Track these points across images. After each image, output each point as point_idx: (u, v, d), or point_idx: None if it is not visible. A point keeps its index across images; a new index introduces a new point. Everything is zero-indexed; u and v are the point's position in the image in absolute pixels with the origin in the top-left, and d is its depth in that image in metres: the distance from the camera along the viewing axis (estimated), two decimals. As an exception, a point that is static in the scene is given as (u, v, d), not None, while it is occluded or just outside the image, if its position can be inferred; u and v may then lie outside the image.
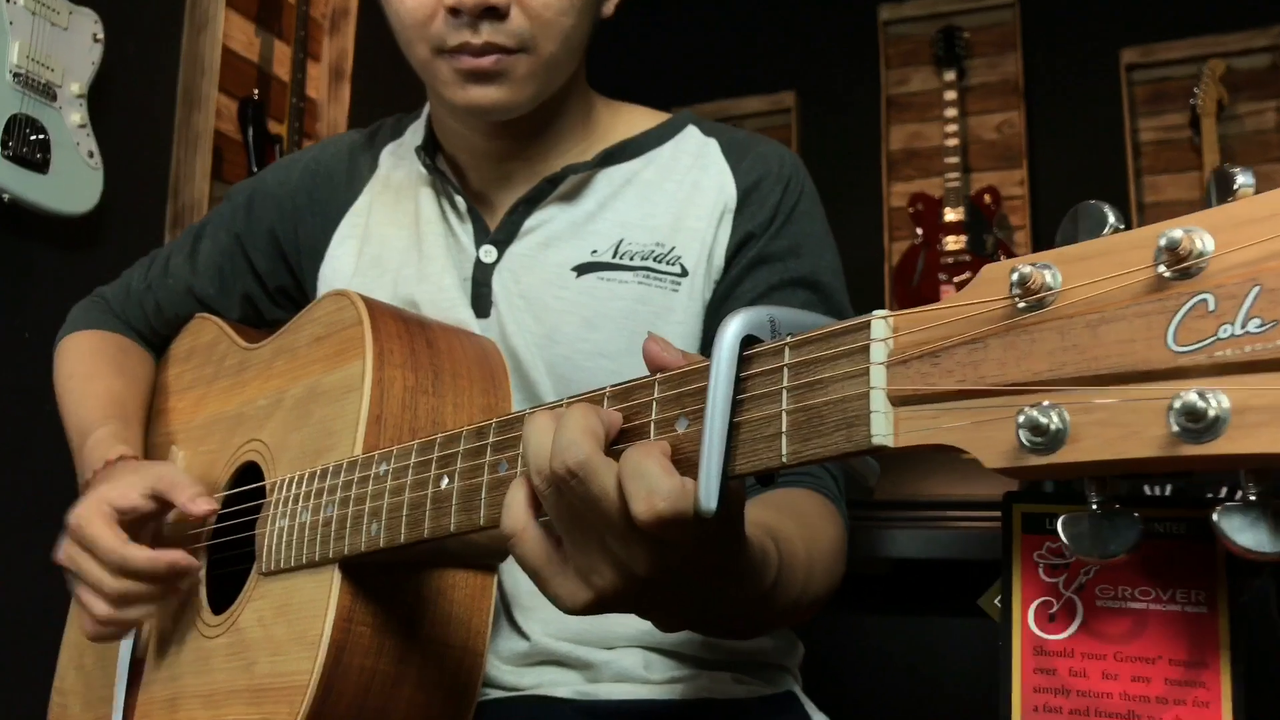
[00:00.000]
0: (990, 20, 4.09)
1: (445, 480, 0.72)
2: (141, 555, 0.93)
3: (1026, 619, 0.47)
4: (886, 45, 4.21)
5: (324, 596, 0.82)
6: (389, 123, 1.22)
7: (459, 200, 1.08)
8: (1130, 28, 3.92)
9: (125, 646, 1.07)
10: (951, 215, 3.92)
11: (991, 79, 4.08)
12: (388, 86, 3.26)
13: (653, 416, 0.58)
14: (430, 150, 1.11)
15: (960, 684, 3.32)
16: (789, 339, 0.52)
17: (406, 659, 0.84)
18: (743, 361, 0.54)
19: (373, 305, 0.92)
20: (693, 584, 0.59)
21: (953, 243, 3.90)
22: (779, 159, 1.07)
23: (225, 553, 1.03)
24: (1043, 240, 3.88)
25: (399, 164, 1.16)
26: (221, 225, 1.22)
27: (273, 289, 1.21)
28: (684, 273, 1.02)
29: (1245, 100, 3.86)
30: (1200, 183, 3.84)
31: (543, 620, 0.98)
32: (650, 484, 0.53)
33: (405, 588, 0.85)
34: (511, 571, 0.97)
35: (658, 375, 0.58)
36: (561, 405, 0.64)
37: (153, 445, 1.19)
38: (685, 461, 0.55)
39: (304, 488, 0.87)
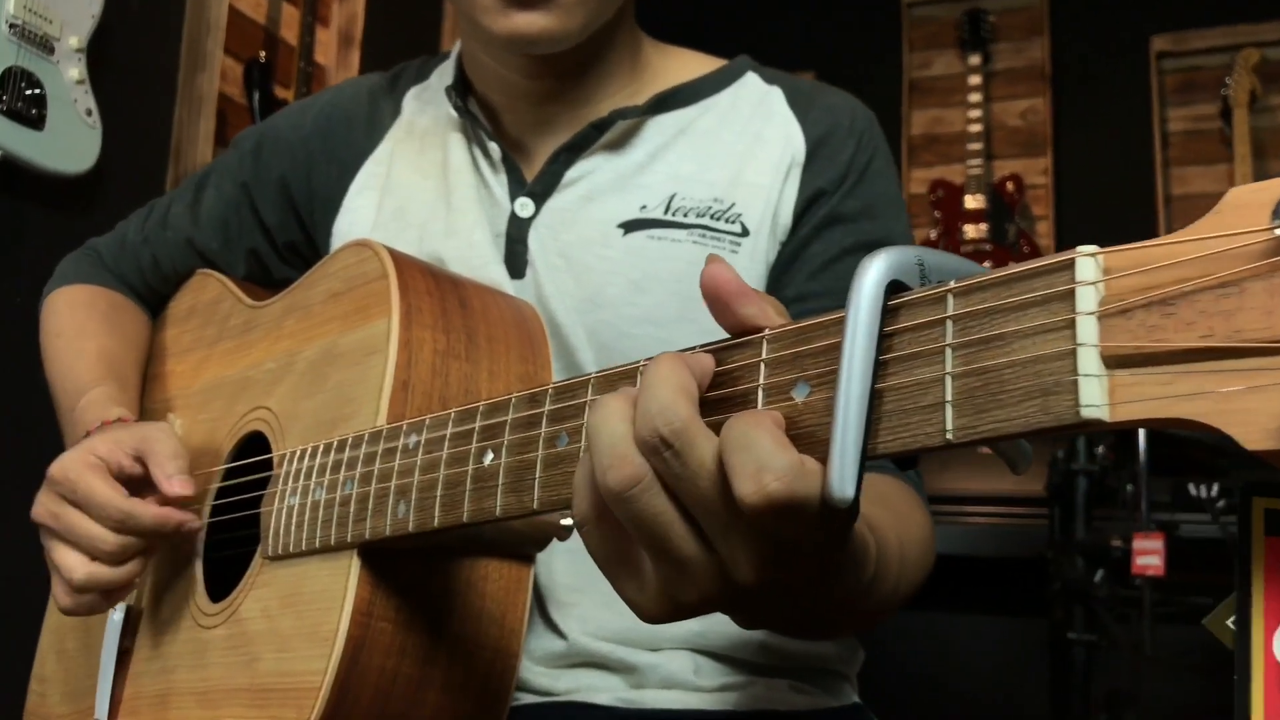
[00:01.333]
0: (1018, 3, 3.98)
1: (490, 455, 0.61)
2: (148, 511, 0.82)
3: (1271, 646, 0.37)
4: (910, 27, 4.09)
5: (340, 586, 0.72)
6: (413, 65, 1.11)
7: (493, 147, 0.97)
8: (1161, 15, 3.81)
9: (112, 632, 0.97)
10: (972, 203, 3.82)
11: (1017, 64, 3.97)
12: (397, 54, 3.13)
13: (760, 381, 0.47)
14: (461, 91, 1.00)
15: (974, 684, 3.23)
16: (954, 284, 0.41)
17: (432, 660, 0.74)
18: (887, 314, 0.43)
19: (399, 258, 0.81)
20: (794, 584, 0.49)
21: (973, 231, 3.80)
22: (850, 110, 0.97)
23: (224, 534, 0.92)
24: (1066, 231, 3.77)
25: (424, 109, 1.05)
26: (226, 174, 1.11)
27: (281, 244, 1.10)
28: (745, 232, 0.92)
29: (1279, 92, 3.75)
30: (1230, 175, 3.74)
31: (580, 617, 0.87)
32: (760, 458, 0.42)
33: (432, 579, 0.75)
34: (547, 562, 0.87)
35: (766, 332, 0.48)
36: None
37: (148, 412, 1.08)
38: (805, 437, 0.45)
39: (318, 461, 0.77)
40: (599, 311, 0.91)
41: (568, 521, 0.75)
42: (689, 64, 1.01)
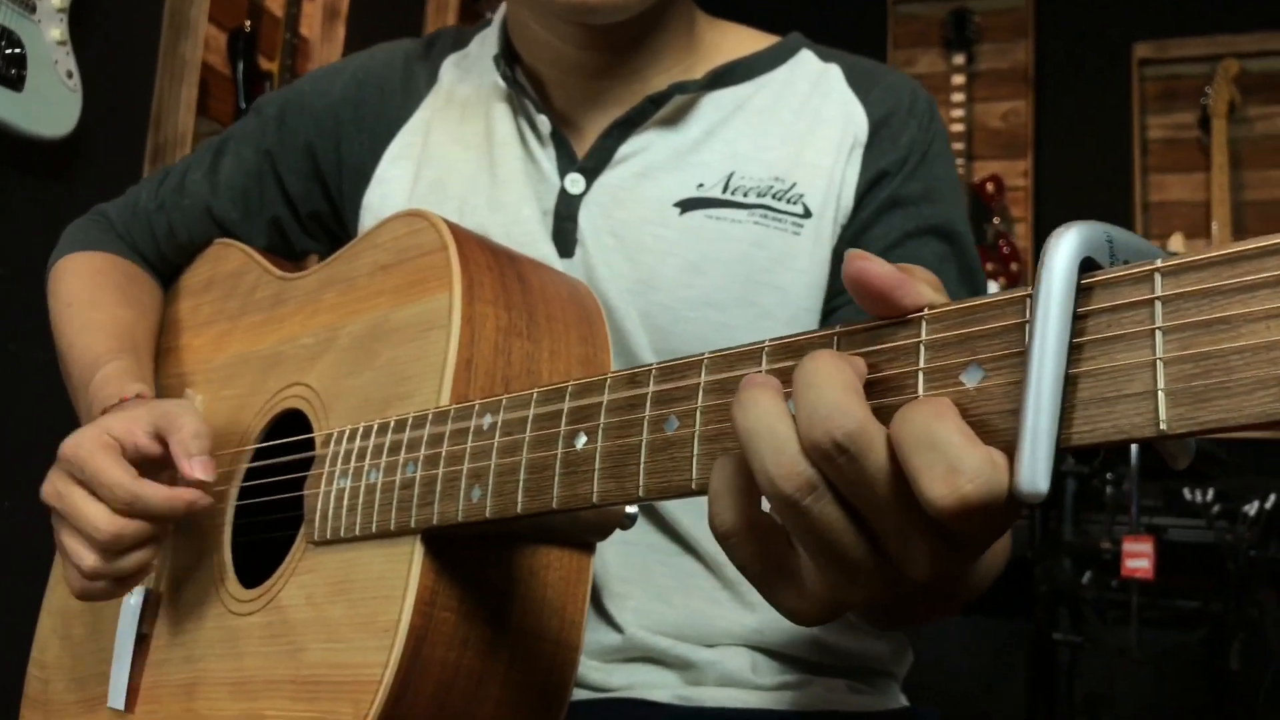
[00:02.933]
0: (1003, 5, 3.99)
1: (583, 439, 0.58)
2: (159, 493, 0.77)
3: None
4: (895, 25, 4.09)
5: (401, 574, 0.68)
6: (448, 32, 1.06)
7: (542, 120, 0.93)
8: (1144, 22, 3.83)
9: (128, 617, 0.92)
10: (953, 203, 3.82)
11: (1001, 66, 3.98)
12: (382, 28, 3.08)
13: (920, 364, 0.44)
14: (508, 61, 0.96)
15: (951, 682, 3.23)
16: (1159, 264, 0.39)
17: (494, 652, 0.70)
18: (1079, 293, 0.40)
19: (457, 229, 0.77)
20: (957, 575, 0.46)
21: (953, 231, 3.79)
22: (911, 91, 0.94)
23: (254, 516, 0.88)
24: (1044, 234, 3.78)
25: (464, 77, 1.01)
26: (247, 140, 1.06)
27: (305, 215, 1.05)
28: (807, 213, 0.89)
29: (1257, 103, 3.79)
30: (1206, 184, 3.77)
31: (634, 610, 0.84)
32: (950, 458, 0.39)
33: (495, 567, 0.71)
34: (601, 551, 0.83)
35: (925, 311, 0.45)
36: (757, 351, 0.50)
37: (162, 388, 1.03)
38: (980, 425, 0.42)
39: (372, 442, 0.73)
40: (654, 293, 0.88)
41: (632, 510, 0.72)
42: (743, 39, 0.98)
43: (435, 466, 0.67)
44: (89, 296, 1.02)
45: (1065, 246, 0.40)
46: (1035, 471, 0.39)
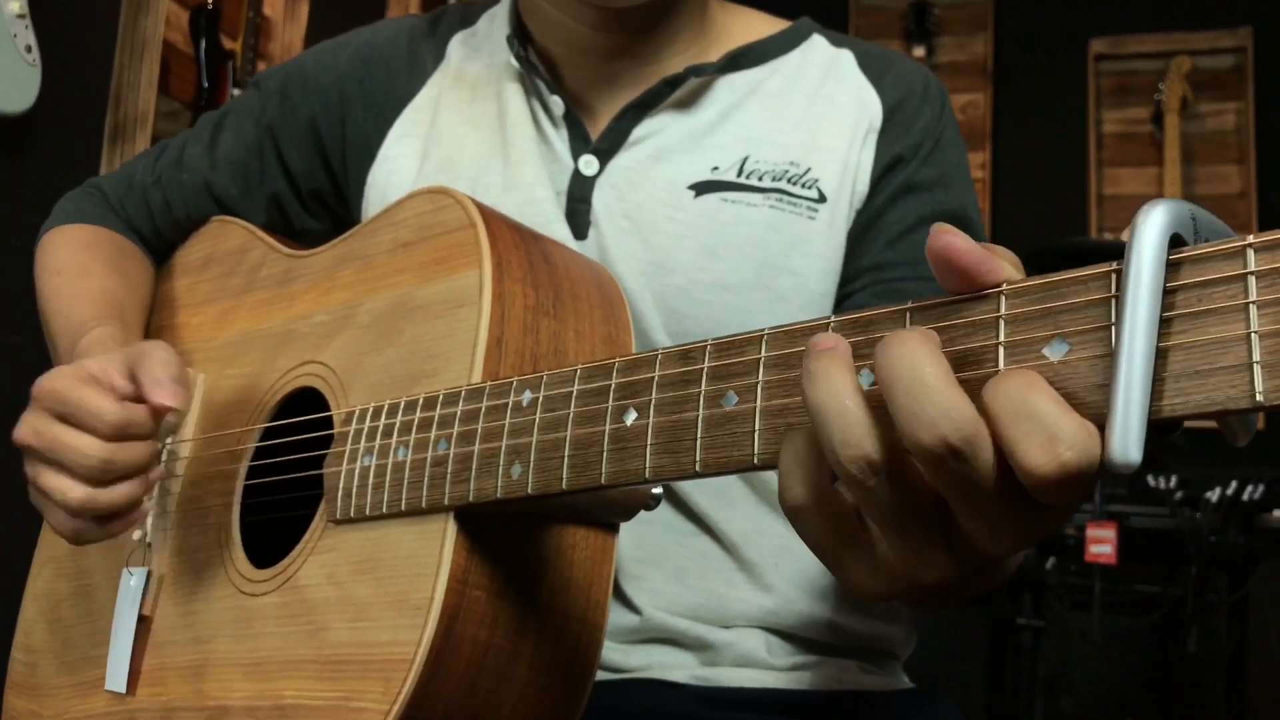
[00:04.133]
0: (963, -1, 4.03)
1: (633, 414, 0.58)
2: (144, 410, 0.76)
3: None
4: (856, 15, 4.12)
5: (433, 551, 0.67)
6: (454, 9, 1.05)
7: (555, 101, 0.93)
8: (1101, 18, 3.89)
9: (128, 598, 0.90)
10: (912, 194, 3.85)
11: (960, 58, 4.02)
12: (346, 9, 3.04)
13: (1000, 339, 0.45)
14: (521, 41, 0.96)
15: (909, 663, 3.27)
16: (1251, 239, 0.39)
17: (523, 631, 0.70)
18: (1168, 269, 0.41)
19: (483, 207, 0.76)
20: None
21: (911, 222, 3.83)
22: (923, 78, 0.95)
23: (262, 496, 0.87)
24: (1002, 225, 3.84)
25: (473, 55, 1.00)
26: (247, 115, 1.04)
27: (306, 192, 1.04)
28: (821, 198, 0.89)
29: (1208, 100, 3.87)
30: (1159, 178, 3.84)
31: (651, 591, 0.84)
32: (1050, 426, 0.39)
33: (524, 546, 0.71)
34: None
35: (1004, 286, 0.45)
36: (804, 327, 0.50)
37: (156, 366, 1.01)
38: (1067, 399, 0.42)
39: (399, 419, 0.72)
40: (669, 276, 0.88)
41: (658, 491, 0.72)
42: (754, 23, 0.98)
43: (470, 443, 0.66)
44: (78, 267, 0.99)
45: (1155, 222, 0.41)
46: (1128, 442, 0.39)
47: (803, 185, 0.89)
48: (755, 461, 0.51)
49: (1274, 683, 2.47)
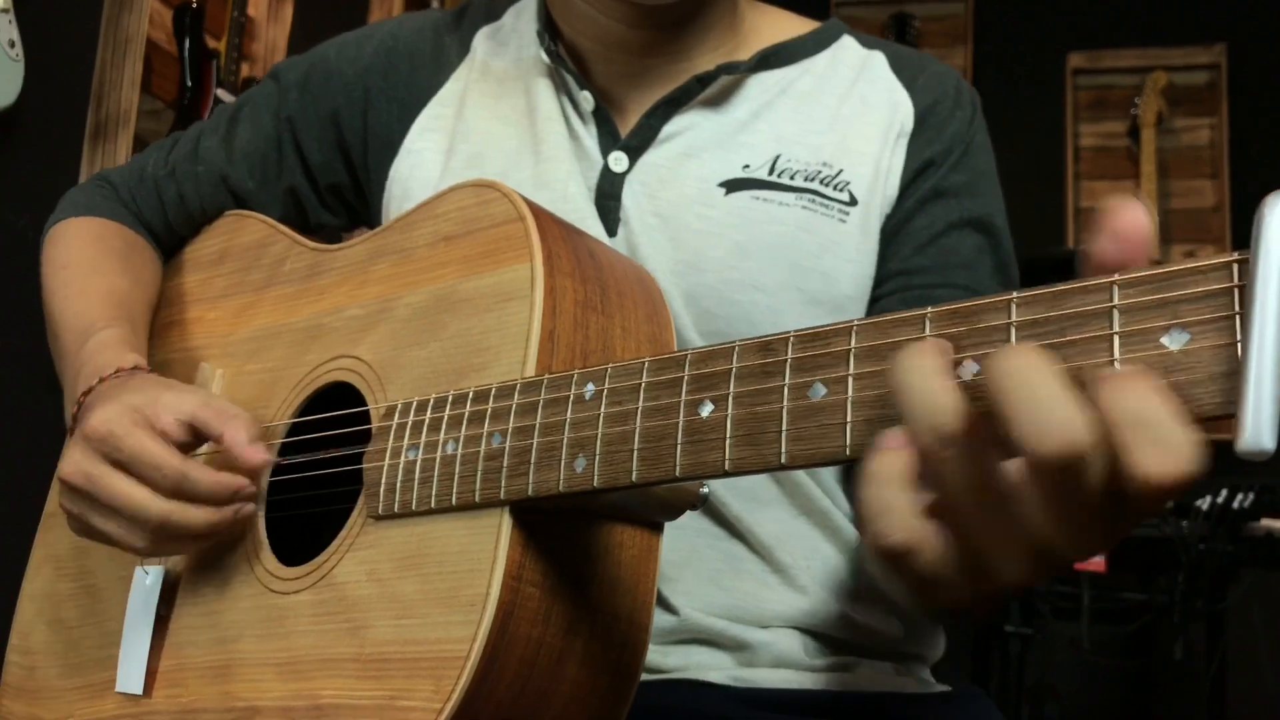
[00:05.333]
0: (943, 11, 4.06)
1: (709, 407, 0.57)
2: (207, 474, 0.75)
3: None
4: (836, 26, 4.13)
5: (487, 546, 0.66)
6: (478, 2, 1.04)
7: (585, 96, 0.92)
8: (1079, 33, 3.93)
9: (143, 599, 0.88)
10: (891, 204, 3.88)
11: (939, 70, 4.04)
12: (330, 10, 3.02)
13: (1115, 328, 0.44)
14: (551, 36, 0.95)
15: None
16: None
17: (574, 629, 0.69)
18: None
19: (530, 202, 0.75)
20: None
21: (890, 232, 3.85)
22: (955, 82, 0.95)
23: (287, 493, 0.85)
24: (980, 237, 3.85)
25: (499, 50, 0.98)
26: (265, 107, 1.02)
27: (324, 186, 1.02)
28: (853, 200, 0.89)
29: (1183, 115, 3.91)
30: (1135, 192, 3.88)
31: (686, 592, 0.83)
32: (1166, 434, 0.40)
33: (575, 543, 0.69)
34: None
35: (1116, 276, 0.45)
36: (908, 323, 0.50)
37: (167, 363, 0.99)
38: (1186, 386, 0.42)
39: (447, 413, 0.70)
40: (699, 274, 0.87)
41: (705, 490, 0.71)
42: (784, 23, 0.98)
43: (528, 437, 0.65)
44: (87, 263, 0.97)
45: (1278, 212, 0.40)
46: (1260, 430, 0.39)
47: (835, 187, 0.88)
48: (848, 453, 0.51)
49: (1254, 691, 2.50)
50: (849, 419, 0.51)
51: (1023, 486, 0.42)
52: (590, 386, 0.63)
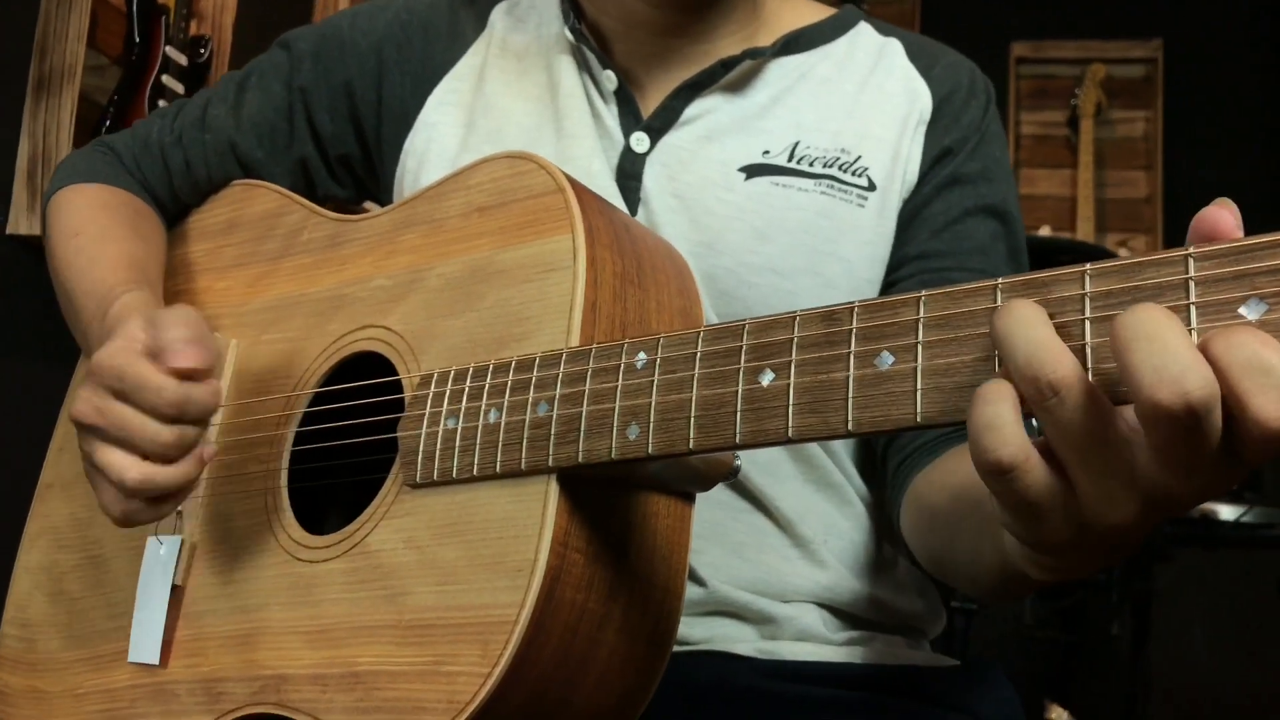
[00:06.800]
0: (890, 0, 4.11)
1: (769, 375, 0.58)
2: (207, 391, 0.75)
3: None
4: (786, 11, 4.17)
5: (534, 513, 0.67)
6: None
7: (608, 75, 0.92)
8: (1023, 23, 4.01)
9: (158, 568, 0.88)
10: (838, 189, 3.92)
11: (886, 57, 4.10)
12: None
13: (1191, 299, 0.46)
14: (576, 14, 0.95)
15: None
16: None
17: (614, 596, 0.70)
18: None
19: (567, 174, 0.76)
20: None
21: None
22: (970, 71, 0.97)
23: (308, 463, 0.85)
24: (923, 222, 3.93)
25: (518, 26, 0.99)
26: (275, 76, 1.01)
27: (334, 157, 1.02)
28: (871, 186, 0.91)
29: (1120, 107, 4.01)
30: (1073, 180, 3.97)
31: (712, 564, 0.85)
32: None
33: (615, 511, 0.71)
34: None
35: (1190, 249, 0.47)
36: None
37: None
38: None
39: (488, 381, 0.71)
40: (718, 257, 0.88)
41: (738, 462, 0.73)
42: (802, 9, 0.99)
43: (577, 405, 0.66)
44: (96, 229, 0.96)
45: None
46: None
47: (853, 173, 0.90)
48: (919, 420, 0.52)
49: (1183, 666, 2.59)
50: (919, 386, 0.53)
51: (1137, 434, 0.44)
52: (642, 355, 0.64)
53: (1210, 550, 2.57)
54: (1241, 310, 0.45)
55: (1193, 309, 0.46)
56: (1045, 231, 3.90)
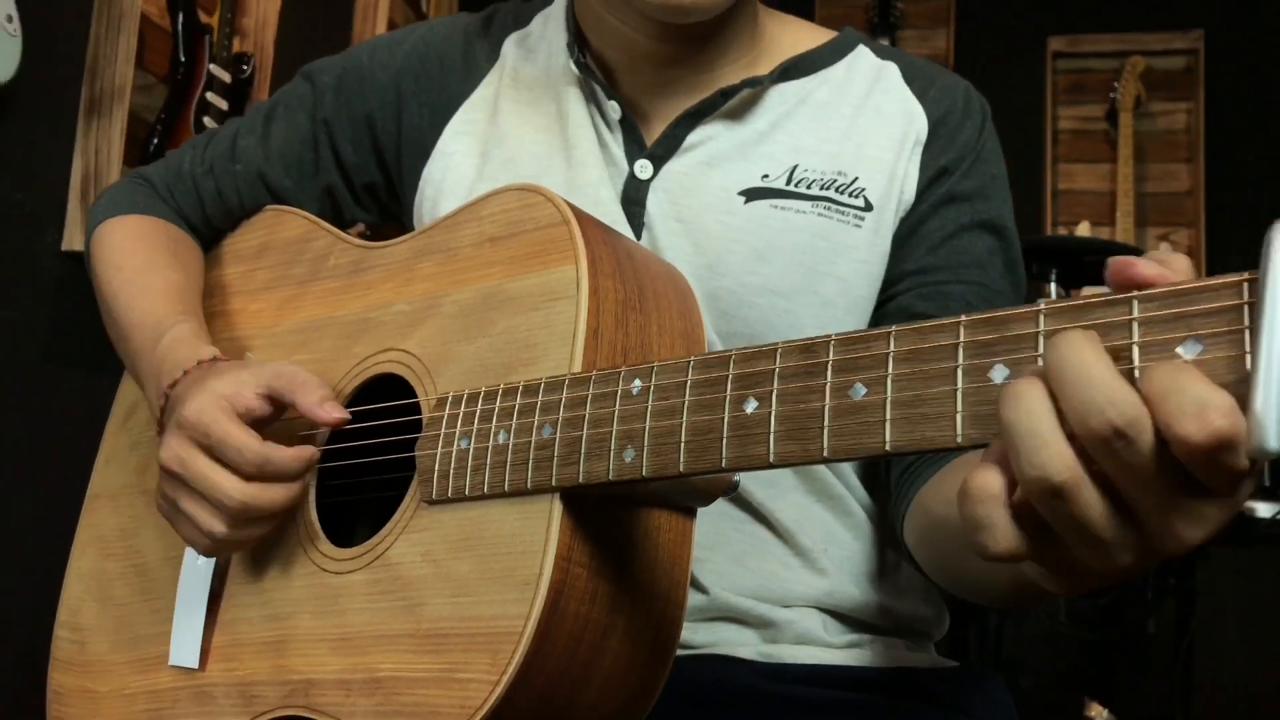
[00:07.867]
0: (926, -7, 4.11)
1: (753, 403, 0.62)
2: (286, 453, 0.80)
3: None
4: (821, 5, 4.17)
5: (539, 530, 0.71)
6: (505, 9, 1.08)
7: (612, 106, 0.96)
8: (1059, 17, 3.99)
9: (197, 577, 0.93)
10: (874, 186, 3.93)
11: (922, 52, 4.08)
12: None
13: (1134, 339, 0.49)
14: (580, 47, 0.99)
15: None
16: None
17: (617, 607, 0.74)
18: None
19: (573, 205, 0.80)
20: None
21: (873, 213, 3.91)
22: (965, 92, 1.00)
23: (335, 479, 0.90)
24: (961, 218, 3.92)
25: (529, 57, 1.03)
26: (300, 108, 1.06)
27: (359, 186, 1.06)
28: (868, 206, 0.94)
29: (1160, 100, 3.98)
30: (1112, 175, 3.95)
31: (715, 572, 0.88)
32: (1201, 396, 0.44)
33: (617, 526, 0.75)
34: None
35: (1134, 293, 0.50)
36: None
37: (216, 351, 1.03)
38: None
39: (498, 404, 0.75)
40: (719, 279, 0.92)
41: (737, 479, 0.76)
42: (802, 33, 1.02)
43: (578, 428, 0.70)
44: (140, 261, 1.01)
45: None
46: (1267, 431, 0.44)
47: (850, 194, 0.93)
48: (888, 448, 0.56)
49: (1222, 664, 2.58)
50: (888, 417, 0.56)
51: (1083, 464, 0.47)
52: (637, 382, 0.68)
53: (1246, 547, 2.56)
54: (1179, 350, 0.48)
55: (1135, 348, 0.49)
56: (1084, 227, 3.88)
